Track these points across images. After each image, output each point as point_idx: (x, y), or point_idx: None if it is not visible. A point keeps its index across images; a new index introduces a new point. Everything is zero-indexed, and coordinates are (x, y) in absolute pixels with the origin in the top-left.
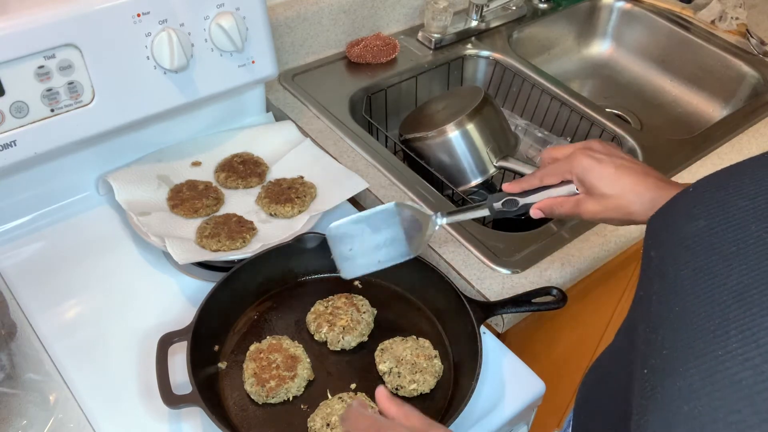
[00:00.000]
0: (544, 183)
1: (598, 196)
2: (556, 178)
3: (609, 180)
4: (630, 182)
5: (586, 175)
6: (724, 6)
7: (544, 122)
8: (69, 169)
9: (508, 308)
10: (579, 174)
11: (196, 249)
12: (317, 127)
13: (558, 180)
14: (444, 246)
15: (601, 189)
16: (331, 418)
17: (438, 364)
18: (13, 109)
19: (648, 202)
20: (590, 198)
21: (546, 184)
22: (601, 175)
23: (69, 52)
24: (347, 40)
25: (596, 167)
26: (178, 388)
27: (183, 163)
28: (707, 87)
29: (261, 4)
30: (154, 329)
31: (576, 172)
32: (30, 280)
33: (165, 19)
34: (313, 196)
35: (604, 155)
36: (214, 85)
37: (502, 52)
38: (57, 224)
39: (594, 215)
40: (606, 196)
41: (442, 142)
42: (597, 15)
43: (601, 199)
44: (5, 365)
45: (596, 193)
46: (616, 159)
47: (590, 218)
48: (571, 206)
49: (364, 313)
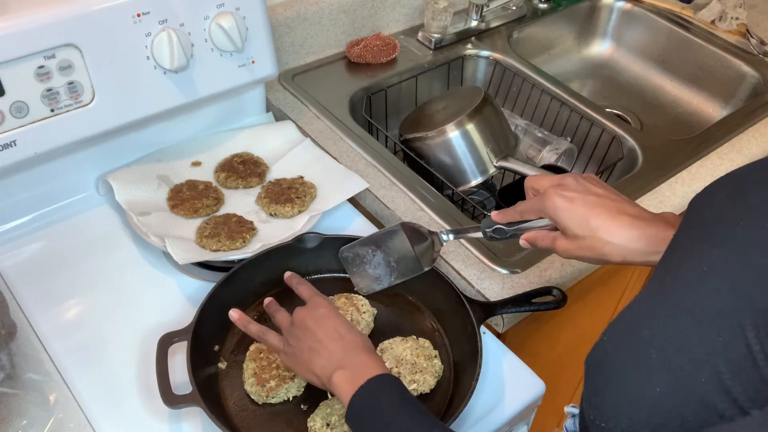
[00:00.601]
0: (524, 218)
1: (571, 236)
2: (533, 214)
3: (579, 221)
4: (601, 223)
5: (558, 215)
6: (724, 6)
7: (544, 122)
8: (69, 169)
9: (508, 308)
10: (550, 214)
11: (196, 249)
12: (317, 127)
13: (534, 215)
14: (444, 246)
15: (573, 230)
16: (331, 418)
17: (438, 364)
18: (13, 109)
19: (621, 242)
20: (565, 238)
21: (525, 218)
22: (572, 216)
23: (69, 52)
24: (347, 40)
25: (567, 208)
26: (178, 388)
27: (183, 163)
28: (707, 87)
29: (261, 4)
30: (154, 329)
31: (548, 212)
32: (30, 280)
33: (165, 19)
34: (313, 196)
35: (576, 194)
36: (214, 85)
37: (502, 52)
38: (57, 224)
39: (569, 254)
40: (578, 237)
41: (442, 142)
42: (597, 15)
43: (574, 240)
44: (5, 365)
45: (569, 233)
46: (589, 197)
47: (566, 257)
48: (549, 242)
49: (364, 313)
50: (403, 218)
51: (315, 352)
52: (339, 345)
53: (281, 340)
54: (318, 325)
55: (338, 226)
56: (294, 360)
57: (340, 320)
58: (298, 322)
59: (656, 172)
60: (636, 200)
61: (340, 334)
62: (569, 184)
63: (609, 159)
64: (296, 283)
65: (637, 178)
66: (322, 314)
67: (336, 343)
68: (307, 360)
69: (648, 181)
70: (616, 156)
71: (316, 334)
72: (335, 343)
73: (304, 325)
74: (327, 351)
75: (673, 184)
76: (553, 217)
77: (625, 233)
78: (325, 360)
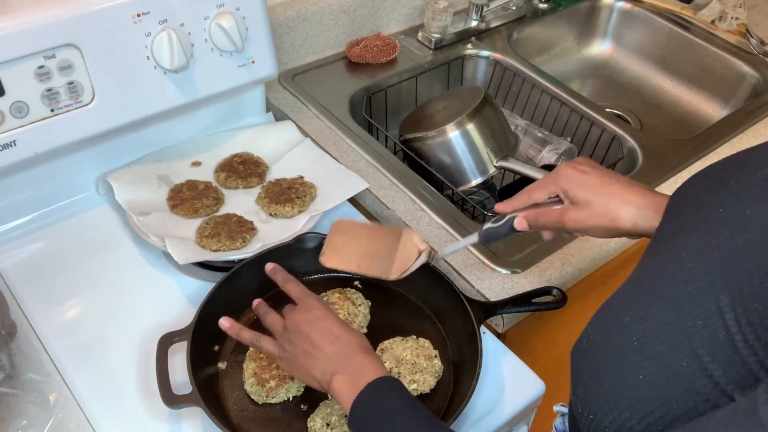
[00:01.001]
0: (532, 198)
1: (583, 203)
2: (543, 191)
3: (594, 187)
4: (615, 189)
5: (571, 185)
6: (724, 6)
7: (544, 122)
8: (69, 169)
9: (508, 308)
10: (564, 184)
11: (196, 249)
12: (317, 127)
13: (545, 193)
14: (444, 246)
15: (586, 196)
16: (331, 418)
17: (438, 364)
18: (13, 109)
19: (633, 209)
20: (575, 207)
21: (534, 199)
22: (586, 182)
23: (69, 52)
24: (347, 40)
25: (581, 176)
26: (178, 388)
27: (183, 163)
28: (707, 87)
29: (261, 4)
30: (154, 329)
31: (561, 183)
32: (30, 280)
33: (165, 19)
34: (313, 196)
35: (588, 167)
36: (214, 85)
37: (502, 52)
38: (57, 224)
39: (578, 223)
40: (591, 204)
41: (442, 142)
42: (597, 15)
43: (586, 207)
44: (5, 365)
45: (581, 200)
46: (601, 170)
47: (574, 227)
48: (557, 215)
49: (360, 306)
50: (403, 218)
51: (312, 357)
52: (336, 347)
53: (276, 345)
54: (313, 329)
55: None
56: (291, 365)
57: (334, 321)
58: (291, 326)
59: (656, 172)
60: None
61: (336, 336)
62: (581, 161)
63: (609, 159)
64: (283, 280)
65: (637, 178)
66: (316, 316)
67: (332, 346)
68: (304, 364)
69: (648, 181)
70: (616, 156)
71: (312, 337)
72: (332, 346)
73: (298, 329)
74: (324, 355)
75: (673, 184)
76: (566, 187)
77: (637, 199)
78: (323, 364)
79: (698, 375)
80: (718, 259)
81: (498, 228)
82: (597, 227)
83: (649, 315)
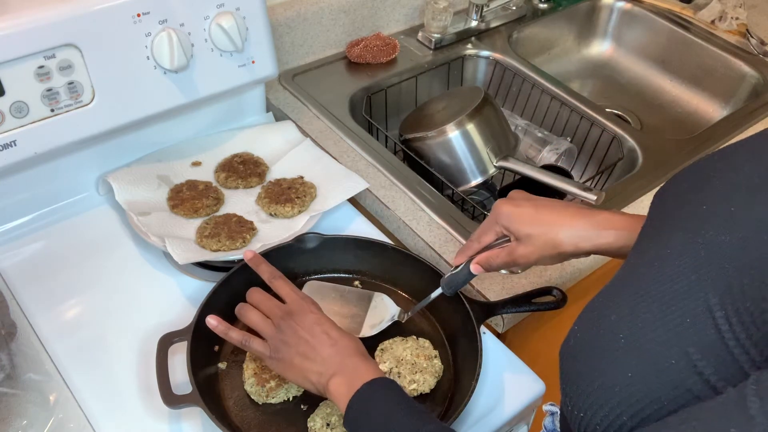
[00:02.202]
0: (482, 242)
1: (525, 237)
2: (490, 234)
3: (530, 219)
4: (551, 217)
5: (510, 221)
6: (724, 6)
7: (544, 122)
8: (69, 169)
9: (508, 308)
10: (503, 222)
11: (196, 249)
12: (317, 127)
13: (492, 235)
14: (444, 246)
15: (526, 230)
16: (331, 418)
17: (438, 364)
18: (13, 109)
19: (571, 231)
20: (520, 243)
21: (484, 242)
22: (522, 217)
23: (69, 52)
24: (347, 40)
25: (516, 211)
26: (178, 388)
27: (183, 163)
28: (707, 87)
29: (261, 4)
30: (154, 329)
31: (501, 221)
32: (30, 280)
33: (165, 19)
34: (313, 196)
35: (522, 200)
36: (214, 85)
37: (502, 52)
38: (57, 224)
39: (527, 257)
40: (532, 236)
41: (442, 142)
42: (597, 15)
43: (528, 241)
44: (5, 365)
45: (522, 235)
46: (535, 201)
47: (525, 262)
48: (506, 255)
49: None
50: (403, 218)
51: (308, 359)
52: (333, 350)
53: (267, 346)
54: (309, 332)
55: (338, 226)
56: (284, 366)
57: (330, 324)
58: (286, 327)
59: (656, 172)
60: (636, 200)
61: (332, 339)
62: (514, 195)
63: (609, 159)
64: (270, 276)
65: (637, 178)
66: (312, 320)
67: (330, 349)
68: (299, 366)
69: (648, 181)
70: (616, 156)
71: (309, 341)
72: (329, 349)
73: (294, 332)
74: (321, 357)
75: None
76: (505, 224)
77: (574, 221)
78: (320, 366)
79: (688, 372)
80: (704, 258)
81: (457, 274)
82: (544, 257)
83: (635, 313)
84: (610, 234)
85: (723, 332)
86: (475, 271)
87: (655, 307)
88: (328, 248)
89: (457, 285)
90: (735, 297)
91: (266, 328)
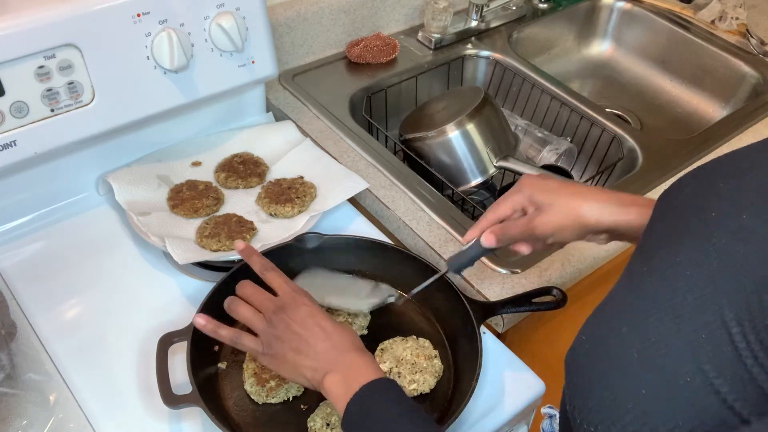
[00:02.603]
0: (498, 213)
1: (547, 206)
2: (507, 204)
3: (555, 189)
4: (576, 188)
5: (534, 190)
6: (724, 6)
7: (544, 122)
8: (69, 169)
9: (508, 308)
10: (526, 190)
11: (196, 249)
12: (317, 127)
13: (509, 207)
14: (444, 246)
15: (549, 199)
16: (331, 418)
17: (438, 364)
18: (13, 109)
19: (595, 204)
20: (540, 211)
21: (500, 214)
22: (548, 186)
23: (69, 52)
24: (347, 40)
25: (542, 182)
26: (178, 388)
27: (183, 163)
28: (707, 87)
29: (261, 4)
30: (154, 329)
31: (524, 190)
32: (30, 280)
33: (165, 19)
34: (313, 196)
35: (549, 178)
36: (214, 85)
37: (502, 52)
38: (57, 224)
39: (545, 226)
40: (554, 205)
41: (442, 142)
42: (597, 15)
43: (549, 209)
44: (5, 365)
45: (545, 203)
46: (561, 179)
47: (542, 231)
48: (524, 223)
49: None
50: (403, 218)
51: (301, 354)
52: (327, 345)
53: (258, 343)
54: (302, 326)
55: (338, 226)
56: (277, 362)
57: (324, 317)
58: (278, 322)
59: (656, 172)
60: None
61: (326, 333)
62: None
63: (609, 159)
64: (262, 267)
65: (637, 178)
66: (306, 313)
67: (324, 343)
68: (292, 362)
69: (648, 181)
70: (616, 156)
71: (302, 335)
72: (323, 343)
73: (286, 326)
74: (314, 352)
75: None
76: (529, 192)
77: (598, 195)
78: (313, 361)
79: (704, 391)
80: (718, 268)
81: (466, 250)
82: (564, 227)
83: (647, 325)
84: (633, 211)
85: (740, 350)
86: (487, 242)
87: (667, 319)
88: (328, 248)
89: (464, 263)
90: (753, 313)
91: (258, 323)
